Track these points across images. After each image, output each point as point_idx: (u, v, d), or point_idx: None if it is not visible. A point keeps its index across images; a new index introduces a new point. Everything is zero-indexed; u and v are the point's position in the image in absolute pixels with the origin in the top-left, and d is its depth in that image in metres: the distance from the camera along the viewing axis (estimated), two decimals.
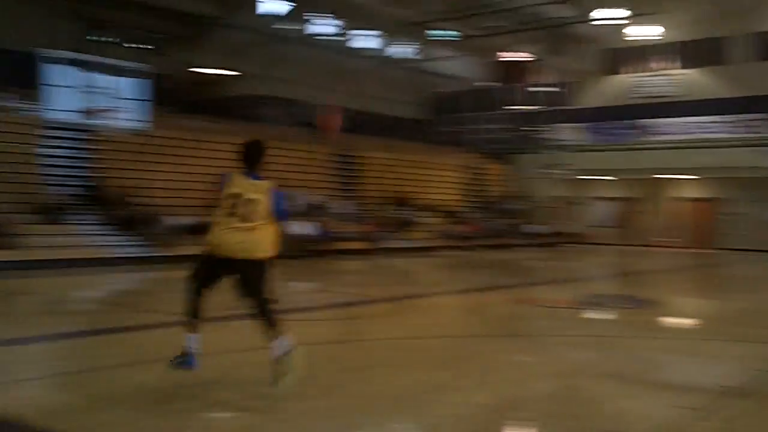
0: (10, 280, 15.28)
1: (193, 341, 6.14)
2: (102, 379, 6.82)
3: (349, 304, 13.65)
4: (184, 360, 6.13)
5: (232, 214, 6.02)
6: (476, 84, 39.99)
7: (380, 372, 7.27)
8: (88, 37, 20.72)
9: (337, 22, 34.67)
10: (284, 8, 31.77)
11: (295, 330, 6.36)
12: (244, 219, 6.00)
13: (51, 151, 21.42)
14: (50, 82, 16.51)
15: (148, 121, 18.69)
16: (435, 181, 33.26)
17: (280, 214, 6.24)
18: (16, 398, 6.09)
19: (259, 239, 6.08)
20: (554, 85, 34.09)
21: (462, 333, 10.42)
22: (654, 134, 32.48)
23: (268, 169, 6.49)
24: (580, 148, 34.23)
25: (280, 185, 6.40)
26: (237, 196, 6.07)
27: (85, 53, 18.20)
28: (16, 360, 7.84)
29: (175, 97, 30.67)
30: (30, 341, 9.02)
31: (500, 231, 31.97)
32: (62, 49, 17.59)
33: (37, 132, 20.90)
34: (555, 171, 32.30)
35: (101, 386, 6.49)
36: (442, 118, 41.79)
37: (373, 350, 8.68)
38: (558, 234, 34.22)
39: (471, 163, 35.67)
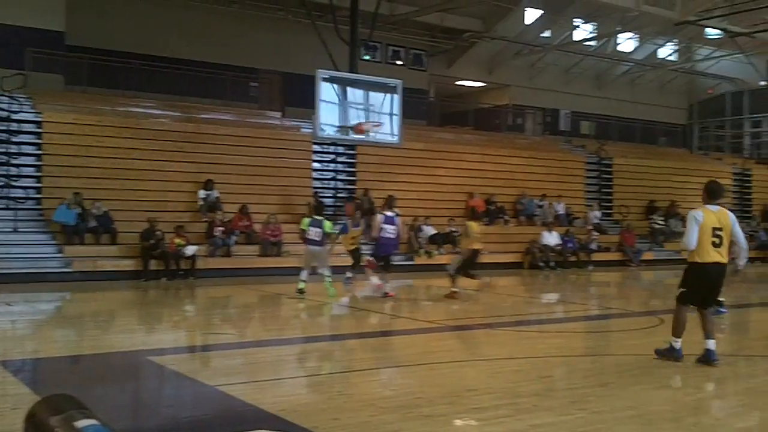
0: (276, 285, 16.51)
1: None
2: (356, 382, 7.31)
3: (601, 317, 13.44)
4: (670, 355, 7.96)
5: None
6: (746, 84, 37.29)
7: (631, 389, 7.16)
8: (361, 58, 22.15)
9: (595, 26, 34.03)
10: (543, 17, 31.63)
11: (544, 341, 6.45)
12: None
13: (321, 165, 23.32)
14: (325, 100, 17.79)
15: (404, 135, 19.54)
16: (698, 189, 31.32)
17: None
18: (277, 395, 6.68)
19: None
20: None
21: (726, 352, 9.90)
22: None
23: None
24: None
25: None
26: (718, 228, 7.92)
27: (357, 72, 19.45)
28: (279, 360, 8.59)
29: (434, 111, 31.84)
30: (290, 343, 9.87)
31: None
32: (338, 70, 18.95)
33: (310, 148, 22.88)
34: None
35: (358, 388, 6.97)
36: (708, 122, 39.53)
37: (625, 366, 8.53)
38: None
39: (739, 169, 33.22)
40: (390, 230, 14.23)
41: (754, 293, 18.60)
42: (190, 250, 17.98)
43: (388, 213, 14.46)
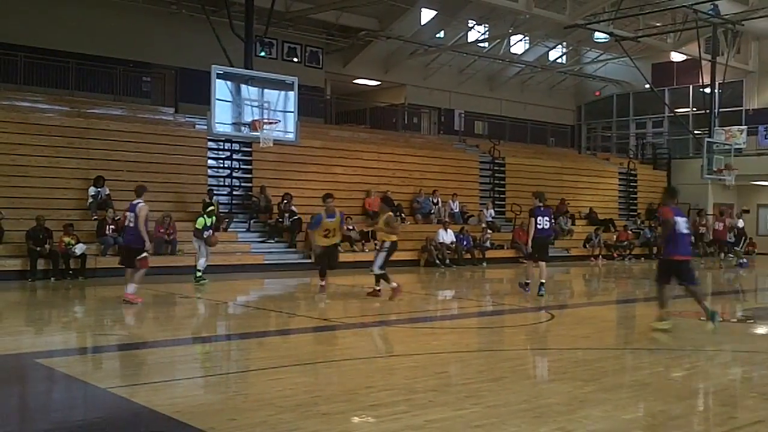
0: (174, 284, 16.34)
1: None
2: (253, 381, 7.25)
3: (495, 313, 13.74)
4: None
5: None
6: (632, 87, 38.86)
7: (524, 383, 7.34)
8: (257, 55, 21.90)
9: (488, 28, 34.73)
10: (438, 18, 32.07)
11: (439, 338, 6.53)
12: None
13: (216, 163, 22.97)
14: (220, 98, 17.50)
15: (301, 132, 19.46)
16: (587, 188, 32.51)
17: None
18: (173, 396, 6.54)
19: None
20: (720, 86, 32.48)
21: (612, 345, 10.28)
22: None
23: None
24: (748, 152, 32.64)
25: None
26: None
27: (252, 69, 19.23)
28: (174, 361, 8.41)
29: (330, 109, 31.82)
30: (184, 343, 9.69)
31: (656, 239, 30.87)
32: (234, 66, 18.69)
33: (205, 145, 22.49)
34: (720, 177, 30.78)
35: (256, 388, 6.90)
36: (596, 123, 41.04)
37: (518, 361, 8.74)
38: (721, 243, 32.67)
39: (625, 169, 34.58)
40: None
41: (638, 288, 19.37)
42: (80, 249, 17.44)
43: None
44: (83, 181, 19.87)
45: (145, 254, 12.87)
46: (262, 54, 24.90)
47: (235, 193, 23.06)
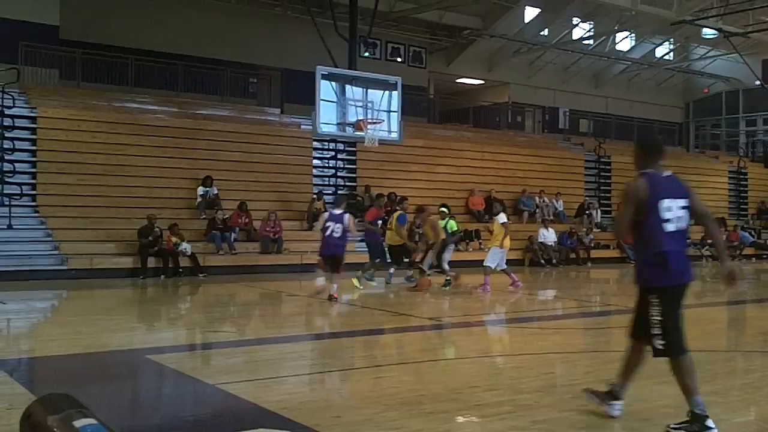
0: (277, 283, 16.59)
1: None
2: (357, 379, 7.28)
3: (600, 314, 13.40)
4: None
5: None
6: (741, 84, 37.31)
7: (631, 385, 7.11)
8: (361, 55, 22.11)
9: (593, 25, 34.01)
10: (542, 15, 31.62)
11: (545, 338, 6.40)
12: None
13: (321, 162, 23.26)
14: (324, 98, 17.74)
15: (404, 132, 19.50)
16: (695, 188, 31.14)
17: None
18: (280, 393, 6.62)
19: None
20: None
21: (722, 347, 9.87)
22: None
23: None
24: None
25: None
26: None
27: (356, 69, 19.41)
28: (279, 358, 8.51)
29: (433, 108, 31.83)
30: (292, 340, 9.82)
31: (767, 240, 29.66)
32: (338, 67, 18.91)
33: (310, 145, 22.80)
34: None
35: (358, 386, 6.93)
36: (704, 120, 39.63)
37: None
38: None
39: (735, 167, 33.21)
40: (336, 229, 13.07)
41: (751, 289, 18.55)
42: (186, 247, 17.86)
43: (336, 211, 13.45)
44: (191, 181, 20.42)
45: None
46: (366, 54, 25.09)
47: (339, 192, 23.29)
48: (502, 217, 15.35)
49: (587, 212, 26.48)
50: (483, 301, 14.12)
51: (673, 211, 5.32)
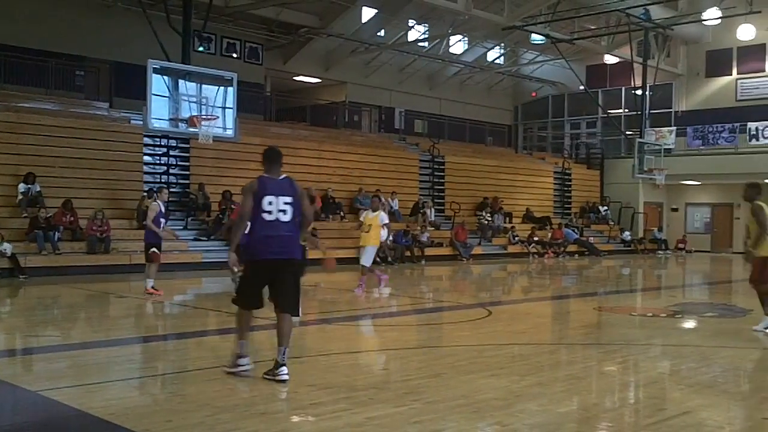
0: (104, 284, 16.00)
1: None
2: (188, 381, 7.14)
3: (433, 311, 13.80)
4: None
5: None
6: (567, 88, 39.50)
7: (462, 379, 7.37)
8: (195, 50, 21.59)
9: (428, 28, 34.90)
10: (379, 16, 32.10)
11: (380, 335, 6.51)
12: None
13: (152, 159, 22.56)
14: (156, 93, 17.21)
15: (240, 129, 19.26)
16: (523, 187, 32.92)
17: None
18: (106, 398, 6.38)
19: None
20: (651, 88, 33.48)
21: (547, 340, 10.41)
22: (758, 138, 31.46)
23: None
24: (677, 153, 33.50)
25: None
26: None
27: (190, 64, 18.95)
28: (106, 362, 8.20)
29: (270, 105, 31.61)
30: (119, 344, 9.50)
31: (589, 237, 31.61)
32: (171, 61, 18.38)
33: (141, 141, 22.05)
34: (650, 176, 31.62)
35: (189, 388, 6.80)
36: (532, 123, 41.65)
37: (456, 357, 8.79)
38: (651, 241, 33.67)
39: (560, 168, 35.15)
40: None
41: (574, 285, 19.68)
42: (7, 248, 16.90)
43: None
44: (13, 177, 19.29)
45: (153, 249, 13.59)
46: (201, 49, 24.55)
47: (172, 190, 22.64)
48: (384, 218, 15.18)
49: (422, 211, 27.15)
50: (318, 300, 14.17)
51: (273, 205, 6.92)
